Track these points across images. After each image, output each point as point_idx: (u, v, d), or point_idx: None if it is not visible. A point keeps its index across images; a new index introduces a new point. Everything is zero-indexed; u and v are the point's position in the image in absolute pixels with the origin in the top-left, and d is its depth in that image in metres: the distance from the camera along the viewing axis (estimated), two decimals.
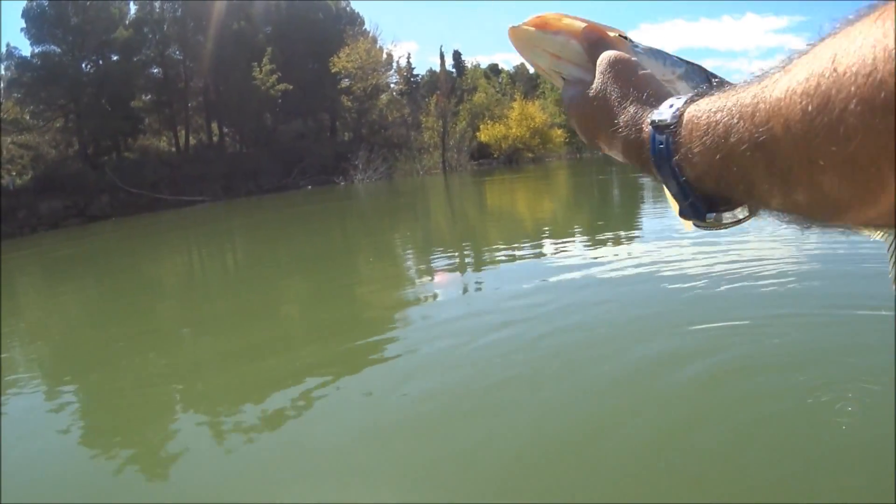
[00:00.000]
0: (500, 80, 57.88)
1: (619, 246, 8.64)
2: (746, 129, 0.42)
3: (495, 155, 48.36)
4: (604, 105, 0.61)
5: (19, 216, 24.57)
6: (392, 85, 49.38)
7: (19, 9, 34.31)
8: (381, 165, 40.01)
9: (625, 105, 0.58)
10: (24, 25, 33.04)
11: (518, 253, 9.23)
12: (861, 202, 0.37)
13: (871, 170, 0.34)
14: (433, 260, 10.04)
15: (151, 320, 7.58)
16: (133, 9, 37.67)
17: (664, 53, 0.69)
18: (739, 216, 0.52)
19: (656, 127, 0.52)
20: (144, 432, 4.03)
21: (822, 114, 0.35)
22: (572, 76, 0.70)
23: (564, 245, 9.60)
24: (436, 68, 53.37)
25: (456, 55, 60.41)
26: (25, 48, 35.04)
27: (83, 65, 34.68)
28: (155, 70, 38.81)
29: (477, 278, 7.94)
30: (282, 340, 5.98)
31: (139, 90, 37.35)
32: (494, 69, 63.73)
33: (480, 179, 33.97)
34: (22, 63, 32.74)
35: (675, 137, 0.50)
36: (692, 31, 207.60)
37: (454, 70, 57.65)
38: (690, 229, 0.62)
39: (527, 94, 54.22)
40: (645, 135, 0.54)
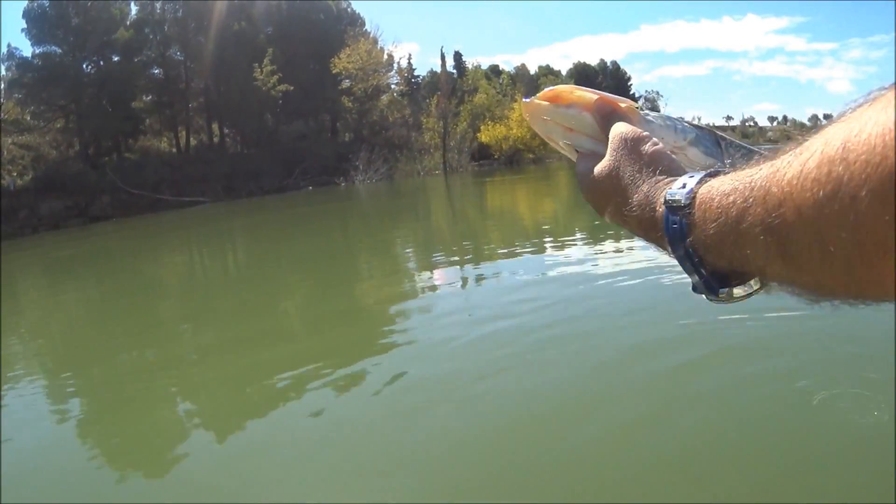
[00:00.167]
0: (501, 81, 57.87)
1: (619, 243, 8.65)
2: (759, 213, 0.42)
3: (496, 156, 48.35)
4: (617, 183, 0.61)
5: (20, 217, 24.60)
6: (393, 86, 49.47)
7: (20, 9, 34.29)
8: (382, 166, 40.02)
9: (638, 184, 0.58)
10: (25, 26, 33.09)
11: (517, 252, 9.25)
12: (870, 285, 0.37)
13: (880, 256, 0.34)
14: (433, 260, 10.04)
15: (152, 320, 7.59)
16: (134, 9, 37.76)
17: (674, 120, 0.69)
18: (751, 289, 0.53)
19: (670, 208, 0.52)
20: (145, 431, 4.03)
21: (833, 201, 0.35)
22: (585, 148, 0.70)
23: (564, 244, 9.61)
24: (437, 69, 53.44)
25: (457, 56, 60.46)
26: (26, 49, 35.07)
27: (84, 65, 34.71)
28: (156, 71, 38.85)
29: (475, 276, 7.95)
30: (282, 340, 5.99)
31: (140, 91, 37.38)
32: (495, 70, 63.77)
33: (481, 180, 33.98)
34: (23, 63, 32.77)
35: (689, 218, 0.50)
36: (693, 32, 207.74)
37: (455, 71, 57.65)
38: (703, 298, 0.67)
39: (527, 95, 54.26)
40: (659, 214, 0.54)
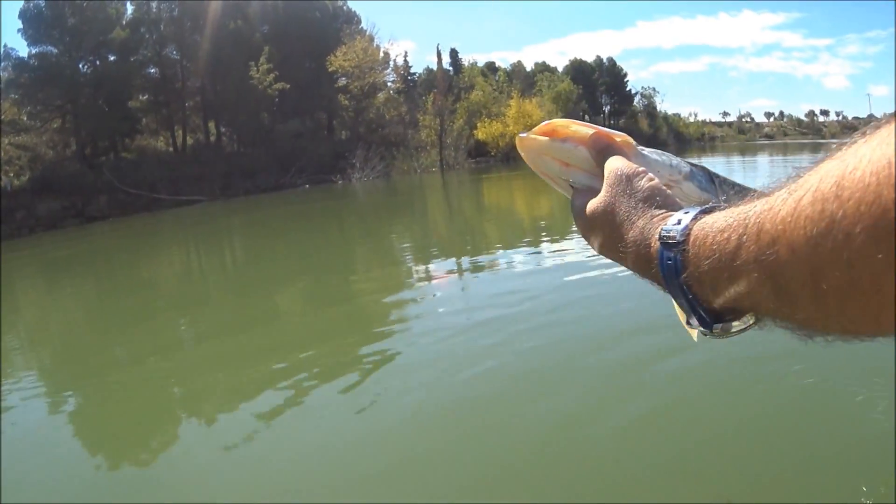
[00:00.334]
0: (497, 78, 57.80)
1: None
2: (753, 250, 0.42)
3: (492, 153, 48.35)
4: (612, 219, 0.61)
5: (17, 217, 24.56)
6: (389, 83, 49.37)
7: (16, 10, 34.24)
8: (379, 164, 39.99)
9: (633, 220, 0.58)
10: (21, 26, 33.01)
11: (513, 249, 9.33)
12: (864, 322, 0.37)
13: (875, 294, 0.34)
14: (430, 257, 10.12)
15: (149, 319, 7.64)
16: (130, 9, 37.60)
17: (669, 155, 0.70)
18: (746, 325, 0.52)
19: (665, 244, 0.53)
20: (143, 431, 4.06)
21: (826, 239, 0.35)
22: (581, 183, 0.71)
23: (564, 244, 9.67)
24: (433, 67, 53.40)
25: (453, 53, 60.37)
26: (22, 49, 35.00)
27: (80, 65, 34.58)
28: (152, 70, 38.72)
29: (472, 274, 8.02)
30: (280, 337, 6.05)
31: (136, 90, 37.27)
32: (491, 67, 63.71)
33: (478, 177, 34.03)
34: (19, 64, 32.66)
35: (684, 255, 0.50)
36: (689, 28, 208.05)
37: (451, 68, 57.56)
38: (695, 338, 0.67)
39: (524, 92, 54.26)
40: (654, 251, 0.55)
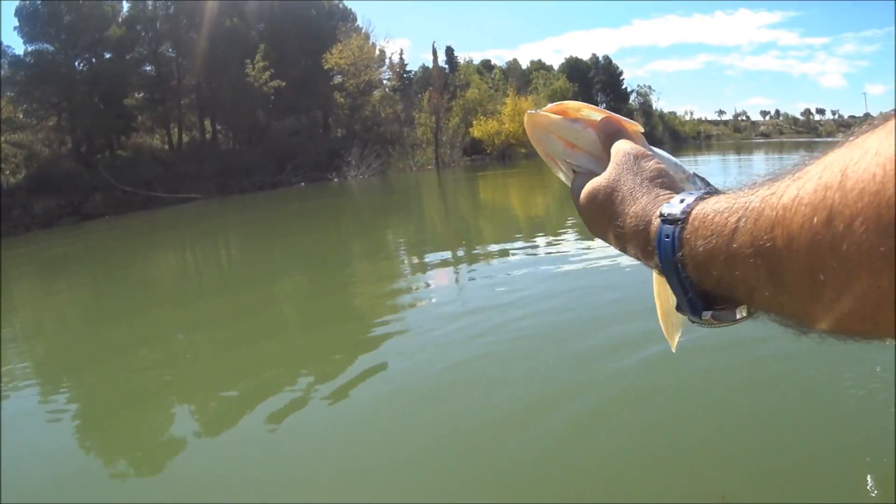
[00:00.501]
0: (493, 76, 57.86)
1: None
2: (750, 235, 0.41)
3: (488, 150, 48.44)
4: (615, 196, 0.61)
5: (13, 215, 24.58)
6: (385, 81, 49.40)
7: (12, 7, 34.18)
8: (375, 162, 40.03)
9: (637, 196, 0.58)
10: (17, 24, 33.01)
11: (510, 247, 9.42)
12: (859, 319, 0.36)
13: (872, 291, 0.33)
14: (425, 254, 10.21)
15: (146, 317, 7.69)
16: (126, 7, 37.55)
17: (672, 158, 0.70)
18: (737, 316, 0.51)
19: (665, 221, 0.52)
20: (140, 430, 4.07)
21: (826, 228, 0.34)
22: (583, 167, 0.71)
23: (558, 240, 9.78)
24: (428, 64, 53.38)
25: (449, 51, 60.46)
26: (18, 47, 34.99)
27: (76, 63, 34.55)
28: (148, 68, 38.67)
29: (468, 272, 8.12)
30: (277, 337, 6.12)
31: (132, 88, 37.21)
32: (487, 65, 63.77)
33: (473, 175, 34.07)
34: (15, 61, 32.62)
35: (682, 234, 0.50)
36: (685, 27, 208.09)
37: (447, 66, 57.58)
38: (673, 348, 0.68)
39: (519, 90, 54.30)
40: (653, 227, 0.54)
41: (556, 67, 71.59)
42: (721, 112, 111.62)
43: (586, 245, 8.61)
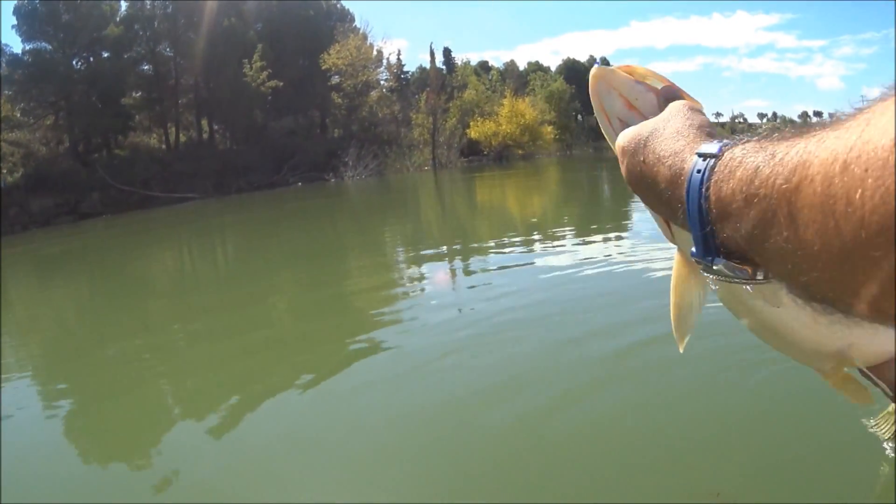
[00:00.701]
0: (491, 77, 57.97)
1: (608, 241, 8.87)
2: (771, 175, 0.43)
3: (485, 152, 48.54)
4: (661, 132, 0.62)
5: (11, 214, 24.62)
6: (382, 82, 49.46)
7: (10, 6, 34.18)
8: (372, 162, 40.10)
9: (683, 134, 0.60)
10: (16, 22, 33.02)
11: (507, 248, 9.44)
12: (863, 300, 0.38)
13: (878, 240, 0.34)
14: (421, 253, 10.24)
15: (143, 316, 7.70)
16: (124, 6, 37.61)
17: None
18: (745, 273, 0.52)
19: (700, 155, 0.53)
20: (138, 430, 4.04)
21: (844, 174, 0.36)
22: None
23: (554, 241, 9.82)
24: (426, 65, 53.50)
25: (446, 52, 60.52)
26: (16, 45, 35.02)
27: (74, 62, 34.61)
28: (145, 67, 38.71)
29: (465, 272, 8.13)
30: (273, 334, 6.11)
31: (130, 87, 37.26)
32: (485, 66, 63.92)
33: (470, 176, 34.07)
34: (13, 60, 32.64)
35: (712, 170, 0.51)
36: (682, 29, 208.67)
37: (444, 67, 57.67)
38: (681, 349, 0.73)
39: (517, 91, 54.40)
40: (687, 165, 0.55)
41: (554, 69, 71.74)
42: (718, 114, 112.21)
43: (585, 246, 8.67)
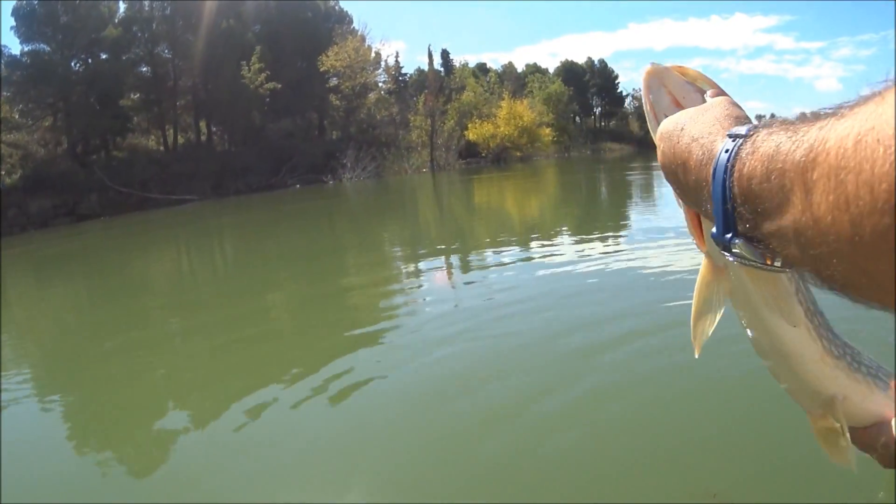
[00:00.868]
0: (489, 79, 57.98)
1: (605, 241, 8.90)
2: (793, 150, 0.45)
3: (483, 154, 48.57)
4: (699, 119, 0.64)
5: (9, 215, 24.62)
6: (380, 84, 49.52)
7: (9, 7, 34.21)
8: (370, 164, 40.12)
9: (718, 120, 0.62)
10: (14, 24, 33.01)
11: (505, 249, 9.48)
12: (870, 288, 0.40)
13: (886, 207, 0.36)
14: (419, 254, 10.28)
15: (141, 317, 7.69)
16: (122, 7, 37.63)
17: None
18: (762, 258, 0.53)
19: (730, 136, 0.55)
20: (137, 431, 4.06)
21: (857, 146, 0.38)
22: None
23: (551, 241, 9.87)
24: (424, 67, 53.53)
25: (444, 54, 60.60)
26: (15, 47, 35.04)
27: (72, 63, 34.62)
28: (144, 69, 38.71)
29: (463, 272, 8.17)
30: (273, 337, 6.12)
31: (128, 89, 37.27)
32: (483, 68, 63.95)
33: (469, 178, 34.11)
34: (11, 62, 32.65)
35: (740, 149, 0.52)
36: (680, 31, 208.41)
37: (442, 69, 57.76)
38: (697, 353, 0.75)
39: (515, 93, 54.48)
40: (717, 145, 0.56)
41: (552, 71, 71.87)
42: None
43: (581, 245, 8.71)
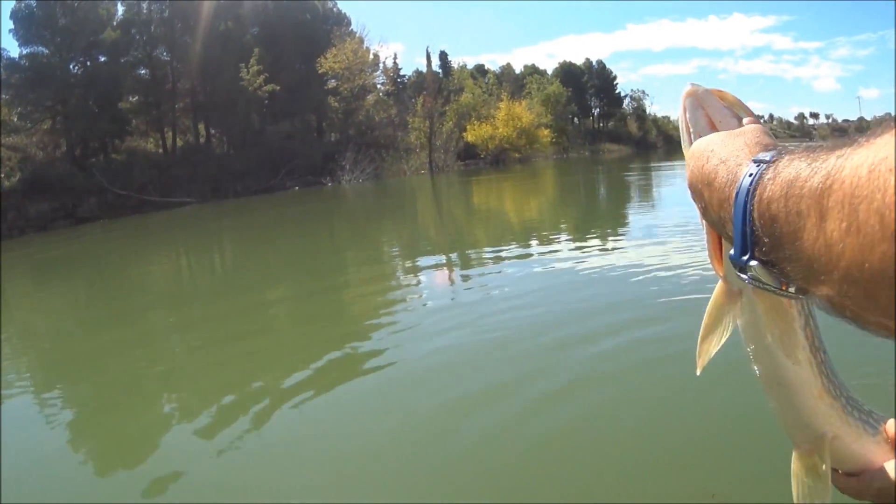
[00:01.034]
0: (487, 81, 58.07)
1: (605, 242, 8.92)
2: (811, 177, 0.45)
3: (482, 155, 48.57)
4: (729, 142, 0.65)
5: (8, 218, 24.60)
6: (379, 85, 49.57)
7: (7, 10, 34.21)
8: (369, 166, 40.11)
9: (744, 149, 0.62)
10: (13, 27, 33.00)
11: (503, 248, 9.50)
12: (877, 311, 0.40)
13: (893, 234, 0.36)
14: (417, 255, 10.29)
15: (140, 320, 7.70)
16: (121, 10, 37.64)
17: None
18: (777, 283, 0.55)
19: (755, 161, 0.56)
20: (136, 430, 4.10)
21: (870, 176, 0.39)
22: None
23: (549, 243, 9.88)
24: (422, 69, 53.56)
25: (442, 56, 60.57)
26: (13, 49, 35.00)
27: (71, 66, 34.58)
28: (142, 71, 38.72)
29: (462, 273, 8.19)
30: (271, 339, 6.12)
31: (126, 91, 37.25)
32: (481, 70, 63.98)
33: (467, 179, 34.17)
34: (10, 64, 32.61)
35: (762, 175, 0.53)
36: (679, 31, 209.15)
37: (441, 70, 57.74)
38: (698, 371, 0.77)
39: (513, 95, 54.50)
40: (743, 169, 0.57)
41: (550, 72, 71.92)
42: None
43: (579, 245, 8.73)
